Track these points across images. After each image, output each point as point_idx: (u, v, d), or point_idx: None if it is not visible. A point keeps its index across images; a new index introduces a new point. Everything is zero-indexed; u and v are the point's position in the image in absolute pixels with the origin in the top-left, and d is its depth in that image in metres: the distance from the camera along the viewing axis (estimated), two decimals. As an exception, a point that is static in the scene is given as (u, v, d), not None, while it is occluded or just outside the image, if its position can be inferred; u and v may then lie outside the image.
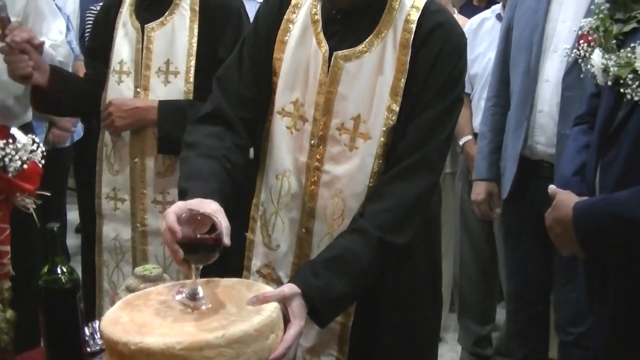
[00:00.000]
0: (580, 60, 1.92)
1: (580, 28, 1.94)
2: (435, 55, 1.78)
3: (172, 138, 2.36)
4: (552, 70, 2.78)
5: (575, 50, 1.91)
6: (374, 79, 1.81)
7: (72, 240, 5.12)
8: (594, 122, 2.00)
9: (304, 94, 1.89)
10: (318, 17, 1.89)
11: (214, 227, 1.53)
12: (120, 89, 2.54)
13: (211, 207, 1.60)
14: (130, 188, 2.55)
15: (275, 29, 1.94)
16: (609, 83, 1.83)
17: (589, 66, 1.90)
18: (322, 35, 1.87)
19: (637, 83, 1.76)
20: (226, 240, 1.53)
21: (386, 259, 1.78)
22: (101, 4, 2.84)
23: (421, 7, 1.82)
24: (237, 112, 1.92)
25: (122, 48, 2.55)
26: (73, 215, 5.18)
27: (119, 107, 2.48)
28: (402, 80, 1.79)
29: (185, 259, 1.52)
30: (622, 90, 1.80)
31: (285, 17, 1.93)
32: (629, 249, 1.82)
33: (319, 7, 1.90)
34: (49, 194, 1.72)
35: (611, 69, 1.81)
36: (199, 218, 1.55)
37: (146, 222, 2.54)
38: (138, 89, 2.51)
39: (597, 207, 1.85)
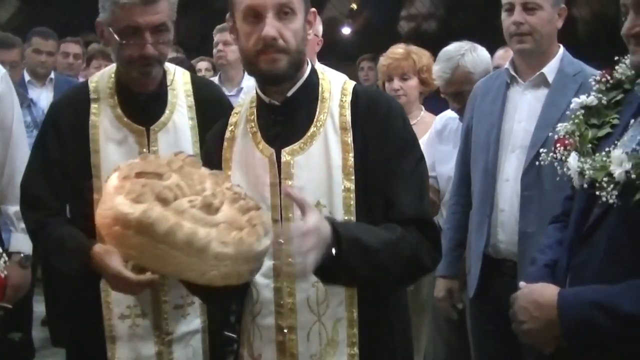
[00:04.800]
0: (556, 163, 1.87)
1: (557, 132, 1.92)
2: (381, 123, 1.81)
3: None
4: (511, 169, 2.74)
5: (551, 154, 1.87)
6: (324, 165, 1.80)
7: (39, 333, 4.75)
8: (568, 222, 1.92)
9: (257, 201, 1.80)
10: (255, 128, 1.86)
11: None
12: None
13: None
14: (151, 300, 2.28)
15: (220, 150, 1.91)
16: (585, 185, 1.77)
17: (565, 169, 1.85)
18: (263, 143, 1.84)
19: (611, 186, 1.69)
20: None
21: (402, 256, 1.72)
22: None
23: (350, 90, 1.87)
24: None
25: (114, 152, 2.25)
26: (39, 307, 4.83)
27: None
28: (351, 159, 1.78)
29: None
30: (597, 192, 1.72)
31: (226, 136, 1.92)
32: (615, 344, 1.64)
33: (254, 119, 1.88)
34: (10, 307, 1.54)
35: (587, 172, 1.76)
36: None
37: (170, 330, 2.28)
38: None
39: (586, 295, 1.68)
